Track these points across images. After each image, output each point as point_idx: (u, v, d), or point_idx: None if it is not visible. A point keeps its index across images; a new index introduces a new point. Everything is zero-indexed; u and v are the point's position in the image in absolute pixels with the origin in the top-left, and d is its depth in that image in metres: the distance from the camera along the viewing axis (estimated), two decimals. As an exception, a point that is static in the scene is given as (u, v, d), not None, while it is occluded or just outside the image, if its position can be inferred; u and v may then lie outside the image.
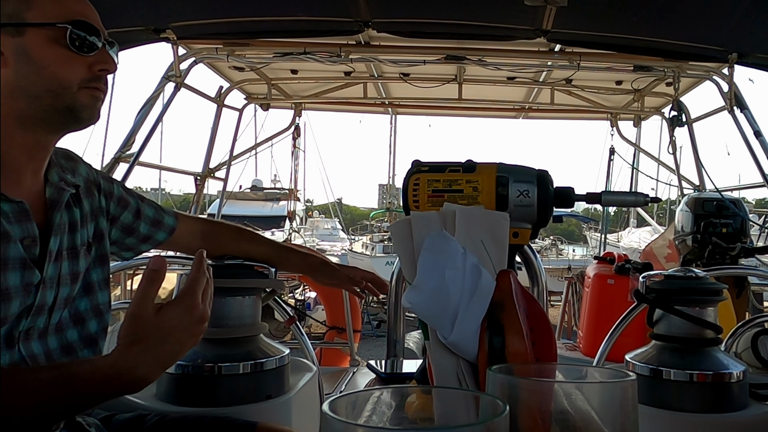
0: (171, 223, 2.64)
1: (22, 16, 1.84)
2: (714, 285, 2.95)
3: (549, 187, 1.95)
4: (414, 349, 6.23)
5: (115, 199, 2.39)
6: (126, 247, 2.55)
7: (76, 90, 1.90)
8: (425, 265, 1.49)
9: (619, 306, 4.07)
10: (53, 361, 1.99)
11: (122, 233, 2.46)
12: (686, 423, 2.72)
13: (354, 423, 0.76)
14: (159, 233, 2.61)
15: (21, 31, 1.84)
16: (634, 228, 35.32)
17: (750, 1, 4.09)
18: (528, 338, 1.42)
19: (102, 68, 1.95)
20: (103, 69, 1.96)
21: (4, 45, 1.82)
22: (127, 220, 2.45)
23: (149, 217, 2.55)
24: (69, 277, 2.05)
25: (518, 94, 8.33)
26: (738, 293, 6.45)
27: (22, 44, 1.84)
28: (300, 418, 2.86)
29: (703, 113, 7.34)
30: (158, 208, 2.62)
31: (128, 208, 2.45)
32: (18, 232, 1.86)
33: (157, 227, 2.59)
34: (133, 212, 2.48)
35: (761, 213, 10.13)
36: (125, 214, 2.44)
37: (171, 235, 2.66)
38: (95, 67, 1.94)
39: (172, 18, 5.05)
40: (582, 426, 1.00)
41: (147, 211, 2.54)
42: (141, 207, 2.51)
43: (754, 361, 3.25)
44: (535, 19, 4.79)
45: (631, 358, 2.95)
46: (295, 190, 17.61)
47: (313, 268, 3.03)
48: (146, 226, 2.54)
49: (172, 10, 4.89)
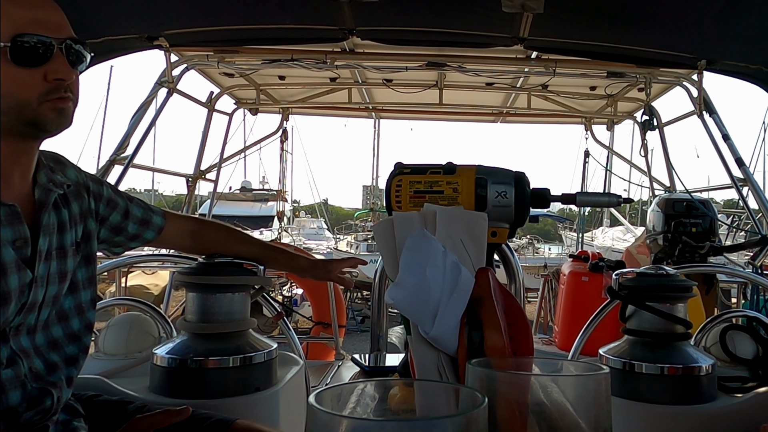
0: (159, 223, 2.64)
1: None
2: (684, 282, 2.96)
3: (526, 188, 1.95)
4: (396, 344, 6.24)
5: (104, 200, 2.39)
6: (115, 244, 2.56)
7: (37, 105, 1.81)
8: (407, 263, 1.49)
9: (593, 302, 4.07)
10: (41, 355, 2.02)
11: (111, 233, 2.47)
12: (657, 414, 2.73)
13: (339, 414, 0.76)
14: (147, 232, 2.61)
15: None
16: (608, 228, 35.49)
17: (718, 11, 4.11)
18: (506, 333, 1.42)
19: (57, 78, 1.82)
20: (58, 78, 1.82)
21: None
22: (115, 220, 2.45)
23: (137, 217, 2.54)
24: (57, 275, 2.05)
25: (496, 99, 8.33)
26: (707, 290, 6.48)
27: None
28: (287, 410, 2.87)
29: (673, 117, 7.35)
30: (147, 208, 2.62)
31: (117, 209, 2.45)
32: (9, 234, 1.85)
33: (146, 227, 2.59)
34: (122, 213, 2.47)
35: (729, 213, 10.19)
36: (114, 215, 2.44)
37: (159, 234, 2.66)
38: (49, 77, 1.81)
39: (165, 26, 5.06)
40: (557, 417, 1.00)
41: (135, 212, 2.54)
42: (129, 207, 2.51)
43: (723, 355, 3.26)
44: (513, 27, 4.80)
45: (605, 352, 2.96)
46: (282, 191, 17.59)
47: (302, 269, 3.05)
48: (134, 225, 2.54)
49: (165, 19, 4.90)
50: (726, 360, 3.25)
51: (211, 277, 2.81)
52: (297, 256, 3.09)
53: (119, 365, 3.10)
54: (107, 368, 3.00)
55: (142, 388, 2.79)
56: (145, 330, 3.37)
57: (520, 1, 4.24)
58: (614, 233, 31.84)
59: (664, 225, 6.67)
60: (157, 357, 2.78)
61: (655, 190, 8.20)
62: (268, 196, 41.58)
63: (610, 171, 10.23)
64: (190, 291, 2.87)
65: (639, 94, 7.22)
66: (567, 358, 3.79)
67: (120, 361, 3.15)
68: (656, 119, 7.32)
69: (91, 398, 2.35)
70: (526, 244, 44.40)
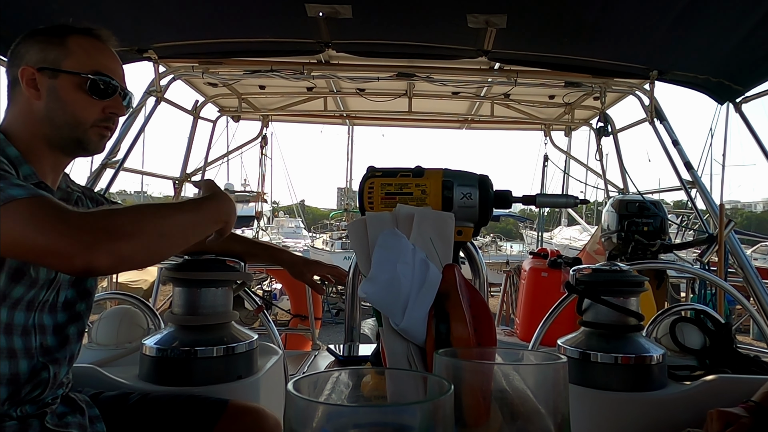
0: None
1: (60, 64, 2.15)
2: (636, 277, 2.97)
3: (489, 190, 1.95)
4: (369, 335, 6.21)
5: (96, 203, 2.54)
6: None
7: (89, 127, 2.20)
8: (379, 260, 1.49)
9: (551, 296, 4.09)
10: (52, 333, 2.17)
11: None
12: (612, 401, 2.74)
13: (315, 401, 0.76)
14: None
15: (56, 75, 2.15)
16: (565, 227, 35.54)
17: (668, 26, 4.13)
18: (470, 325, 1.43)
19: (112, 111, 2.25)
20: (113, 112, 2.25)
21: (41, 83, 2.14)
22: None
23: None
24: None
25: (462, 108, 8.35)
26: (658, 285, 6.52)
27: (54, 85, 2.15)
28: (267, 396, 2.88)
29: (626, 124, 7.42)
30: None
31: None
32: None
33: None
34: None
35: (679, 213, 10.21)
36: None
37: None
38: (107, 110, 2.23)
39: (154, 40, 5.07)
40: (519, 403, 1.00)
41: None
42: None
43: (672, 345, 3.28)
44: (477, 40, 4.81)
45: (563, 343, 2.97)
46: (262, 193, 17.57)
47: (281, 264, 3.07)
48: None
49: (154, 33, 4.91)
50: (675, 350, 3.27)
51: (196, 273, 2.83)
52: (278, 251, 3.10)
53: (111, 355, 3.12)
54: (100, 358, 3.01)
55: (132, 377, 2.81)
56: (134, 322, 3.40)
57: (484, 17, 4.26)
58: (571, 232, 31.90)
59: (618, 224, 6.70)
60: (146, 347, 2.80)
61: (609, 192, 8.24)
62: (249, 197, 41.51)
63: (567, 174, 10.29)
64: (177, 286, 2.88)
65: (594, 103, 7.26)
66: (527, 348, 3.79)
67: (111, 351, 3.17)
68: (610, 126, 7.36)
69: (96, 395, 2.41)
70: (489, 242, 44.52)
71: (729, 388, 2.71)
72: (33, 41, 2.19)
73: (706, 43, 4.51)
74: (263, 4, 4.29)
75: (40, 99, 2.14)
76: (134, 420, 2.34)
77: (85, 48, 2.21)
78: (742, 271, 5.37)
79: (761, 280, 5.19)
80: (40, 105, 2.14)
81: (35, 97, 2.14)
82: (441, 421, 0.77)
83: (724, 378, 2.91)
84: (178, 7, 4.37)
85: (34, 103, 2.14)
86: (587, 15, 4.14)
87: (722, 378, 2.91)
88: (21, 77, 2.14)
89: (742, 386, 2.62)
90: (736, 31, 4.10)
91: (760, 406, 2.47)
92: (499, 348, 1.19)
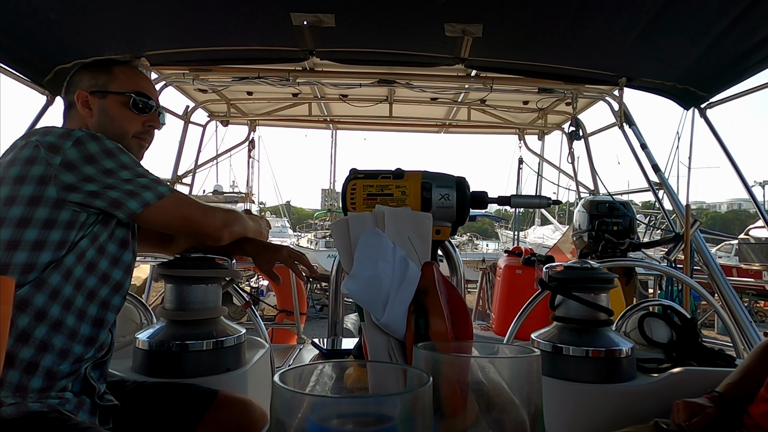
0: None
1: (108, 87, 2.55)
2: (606, 274, 2.99)
3: (466, 191, 1.95)
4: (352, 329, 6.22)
5: None
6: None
7: (130, 138, 2.59)
8: (361, 258, 1.49)
9: (525, 292, 4.10)
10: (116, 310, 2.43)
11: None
12: (582, 392, 2.75)
13: (301, 392, 0.76)
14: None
15: (104, 96, 2.55)
16: (539, 226, 35.63)
17: (636, 35, 4.15)
18: (448, 320, 1.43)
19: (150, 125, 2.65)
20: (150, 125, 2.66)
21: (93, 104, 2.53)
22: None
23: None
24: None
25: (440, 112, 8.35)
26: (627, 281, 6.55)
27: (104, 104, 2.54)
28: (254, 388, 2.90)
29: (597, 128, 7.42)
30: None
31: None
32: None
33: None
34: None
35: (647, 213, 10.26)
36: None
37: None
38: (146, 123, 2.63)
39: (147, 47, 5.07)
40: (494, 394, 1.00)
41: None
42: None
43: (641, 339, 3.30)
44: (455, 49, 4.82)
45: (536, 337, 2.98)
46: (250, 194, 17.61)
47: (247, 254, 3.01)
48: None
49: (146, 41, 4.91)
50: (643, 344, 3.29)
51: (187, 270, 2.86)
52: (245, 242, 3.03)
53: None
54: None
55: (125, 369, 2.83)
56: (128, 317, 3.44)
57: (461, 27, 4.28)
58: (545, 231, 31.98)
59: (589, 224, 6.73)
60: (140, 341, 2.83)
61: (580, 193, 8.26)
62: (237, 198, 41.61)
63: (541, 176, 10.30)
64: (169, 282, 2.91)
65: (566, 108, 7.30)
66: (503, 342, 3.80)
67: None
68: (582, 130, 7.40)
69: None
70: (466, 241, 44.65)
71: (695, 380, 2.73)
72: (85, 72, 2.59)
73: (672, 52, 4.53)
74: (251, 14, 4.29)
75: (92, 117, 2.52)
76: (130, 406, 2.37)
77: (127, 74, 2.61)
78: (707, 269, 5.41)
79: (725, 277, 5.23)
80: (92, 122, 2.51)
81: (89, 116, 2.52)
82: (420, 411, 0.77)
83: (690, 370, 2.93)
84: (170, 17, 4.37)
85: (88, 120, 2.52)
86: (559, 25, 4.16)
87: (688, 370, 2.93)
88: (77, 100, 2.52)
89: (707, 378, 2.64)
90: (701, 40, 4.13)
91: (724, 396, 2.49)
92: (476, 342, 1.19)
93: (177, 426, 2.36)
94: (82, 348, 2.20)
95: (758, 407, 2.40)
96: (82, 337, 2.21)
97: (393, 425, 0.75)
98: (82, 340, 2.21)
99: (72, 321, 2.17)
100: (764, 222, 5.58)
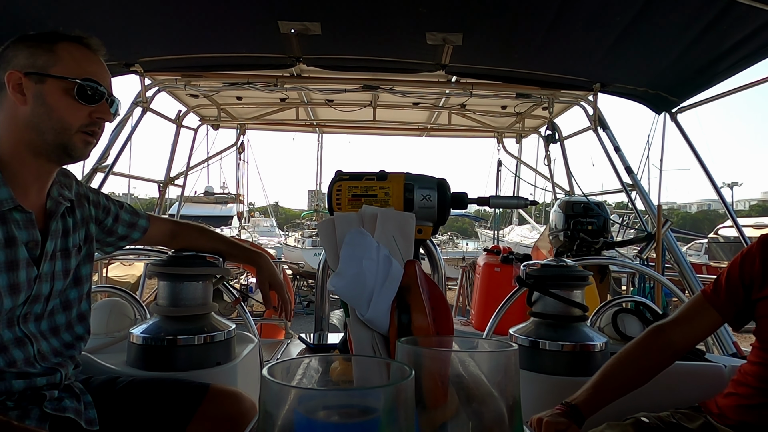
0: (144, 225, 2.78)
1: (48, 69, 2.03)
2: (581, 272, 2.99)
3: (447, 192, 1.96)
4: (337, 324, 6.25)
5: (101, 207, 2.56)
6: (107, 244, 2.70)
7: (74, 133, 2.07)
8: (346, 256, 1.49)
9: (504, 289, 4.11)
10: (46, 339, 2.18)
11: (104, 234, 2.62)
12: (558, 385, 2.76)
13: (288, 385, 0.76)
14: (134, 233, 2.75)
15: (42, 80, 2.02)
16: (516, 226, 35.66)
17: (610, 43, 4.18)
18: (430, 315, 1.43)
19: (99, 117, 2.12)
20: (99, 117, 2.12)
21: (27, 88, 2.02)
22: (108, 223, 2.61)
23: (126, 221, 2.70)
24: (62, 272, 2.24)
25: (422, 117, 8.37)
26: (601, 279, 6.57)
27: (41, 90, 2.02)
28: (244, 381, 2.90)
29: (572, 132, 7.47)
30: (134, 213, 2.76)
31: (110, 214, 2.62)
32: (25, 236, 2.05)
33: (133, 228, 2.74)
34: (113, 217, 2.63)
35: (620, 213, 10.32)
36: (107, 219, 2.60)
37: (144, 234, 2.80)
38: (94, 114, 2.10)
39: (140, 54, 5.10)
40: (474, 387, 1.00)
41: (124, 216, 2.69)
42: (120, 213, 2.67)
43: (614, 334, 3.30)
44: (436, 56, 4.84)
45: (514, 332, 2.98)
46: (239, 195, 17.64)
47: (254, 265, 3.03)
48: (123, 228, 2.69)
49: (140, 48, 4.92)
50: (617, 338, 3.29)
51: (179, 268, 2.85)
52: (256, 255, 3.05)
53: (101, 343, 3.16)
54: (91, 345, 3.01)
55: (120, 362, 2.83)
56: (123, 313, 3.45)
57: (442, 35, 4.30)
58: (522, 231, 31.99)
59: (565, 223, 6.75)
60: (134, 336, 2.81)
61: (556, 194, 8.31)
62: (227, 199, 42.09)
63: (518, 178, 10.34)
64: (162, 280, 2.89)
65: (543, 113, 7.32)
66: (482, 337, 3.81)
67: (102, 339, 3.21)
68: (558, 134, 7.42)
69: (86, 380, 2.40)
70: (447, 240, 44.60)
71: (665, 373, 2.73)
72: (22, 46, 2.07)
73: (644, 59, 4.56)
74: (241, 23, 4.30)
75: (25, 104, 2.01)
76: (123, 403, 2.33)
77: (74, 55, 2.09)
78: (678, 266, 5.45)
79: (695, 275, 5.27)
80: (25, 110, 2.02)
81: (21, 102, 2.01)
82: (403, 403, 0.77)
83: (661, 364, 2.94)
84: (163, 25, 4.37)
85: (20, 108, 2.02)
86: (536, 33, 4.18)
87: (659, 364, 2.93)
88: (7, 82, 2.01)
89: (678, 372, 2.64)
90: (672, 48, 4.16)
91: (575, 408, 2.40)
92: (456, 336, 1.19)
93: (171, 420, 2.33)
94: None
95: (725, 399, 2.41)
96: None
97: (377, 417, 0.75)
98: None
99: None
100: (733, 222, 5.62)
